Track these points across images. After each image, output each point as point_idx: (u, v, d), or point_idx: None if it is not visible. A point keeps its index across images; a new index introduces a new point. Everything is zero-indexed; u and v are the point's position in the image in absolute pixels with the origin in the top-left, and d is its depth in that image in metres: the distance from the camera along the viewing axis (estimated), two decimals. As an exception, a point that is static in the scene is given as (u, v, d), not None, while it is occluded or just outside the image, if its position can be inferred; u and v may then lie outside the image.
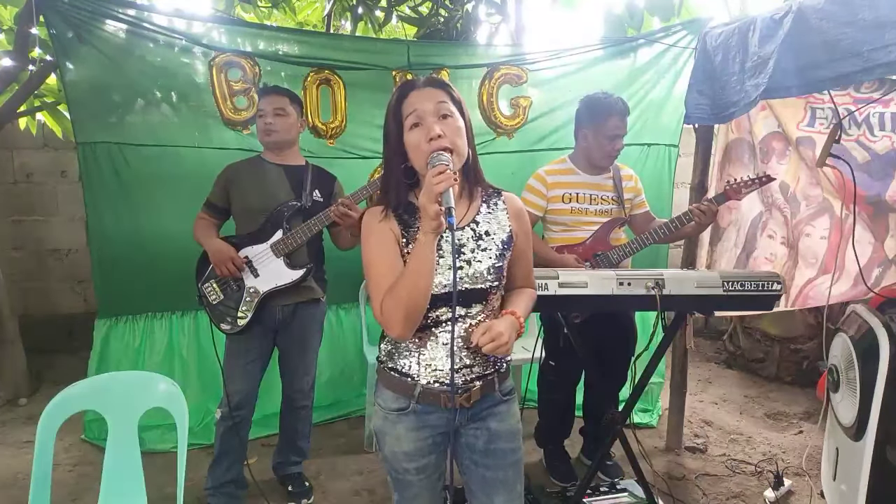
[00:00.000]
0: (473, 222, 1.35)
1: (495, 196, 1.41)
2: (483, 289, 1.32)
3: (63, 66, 2.55)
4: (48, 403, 1.65)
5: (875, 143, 2.65)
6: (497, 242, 1.35)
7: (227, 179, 2.30)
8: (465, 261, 1.31)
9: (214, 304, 2.26)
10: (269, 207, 2.25)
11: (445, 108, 1.26)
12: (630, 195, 2.52)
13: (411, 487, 1.40)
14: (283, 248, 2.23)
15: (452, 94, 1.30)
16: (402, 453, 1.36)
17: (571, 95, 3.02)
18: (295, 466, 2.52)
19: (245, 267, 2.23)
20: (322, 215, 2.22)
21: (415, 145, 1.25)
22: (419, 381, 1.32)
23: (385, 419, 1.37)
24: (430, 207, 1.13)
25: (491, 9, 3.83)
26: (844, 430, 2.12)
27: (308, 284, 2.31)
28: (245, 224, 2.28)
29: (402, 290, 1.20)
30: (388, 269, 1.26)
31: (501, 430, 1.40)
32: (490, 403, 1.39)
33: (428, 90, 1.28)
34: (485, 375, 1.36)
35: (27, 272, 4.34)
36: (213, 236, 2.28)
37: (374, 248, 1.30)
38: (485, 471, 1.40)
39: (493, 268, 1.33)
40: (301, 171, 2.34)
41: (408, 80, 1.33)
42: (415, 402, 1.33)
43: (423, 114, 1.25)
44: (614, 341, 2.50)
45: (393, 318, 1.22)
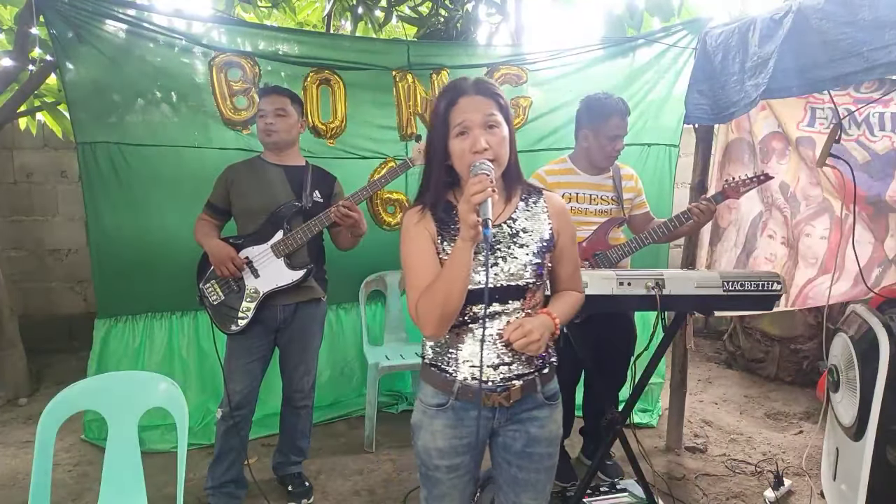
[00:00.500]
0: (510, 219, 1.35)
1: (535, 195, 1.41)
2: (520, 286, 1.32)
3: (63, 66, 2.55)
4: (48, 403, 1.65)
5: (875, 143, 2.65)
6: (535, 240, 1.35)
7: (227, 180, 2.30)
8: (500, 258, 1.31)
9: (215, 305, 2.26)
10: (269, 208, 2.25)
11: (493, 120, 1.27)
12: (630, 195, 2.52)
13: (440, 485, 1.40)
14: (283, 249, 2.23)
15: (500, 101, 1.31)
16: (435, 449, 1.36)
17: (571, 95, 3.02)
18: (295, 466, 2.52)
19: (245, 267, 2.23)
20: (322, 216, 2.23)
21: (459, 154, 1.28)
22: (457, 377, 1.34)
23: (423, 413, 1.39)
24: (469, 217, 1.15)
25: (491, 9, 3.83)
26: (844, 430, 2.12)
27: (309, 284, 2.32)
28: (246, 225, 2.28)
29: (438, 293, 1.22)
30: (425, 269, 1.28)
31: (541, 436, 1.39)
32: (531, 405, 1.38)
33: (478, 99, 1.28)
34: (525, 375, 1.35)
35: (27, 272, 4.34)
36: (214, 237, 2.28)
37: (411, 248, 1.32)
38: (517, 471, 1.41)
39: (531, 265, 1.32)
40: (301, 171, 2.34)
41: (457, 83, 1.32)
42: (453, 399, 1.34)
43: (470, 124, 1.26)
44: (614, 341, 2.50)
45: (427, 319, 1.25)
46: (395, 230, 3.22)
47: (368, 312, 3.27)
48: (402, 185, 3.15)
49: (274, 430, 2.91)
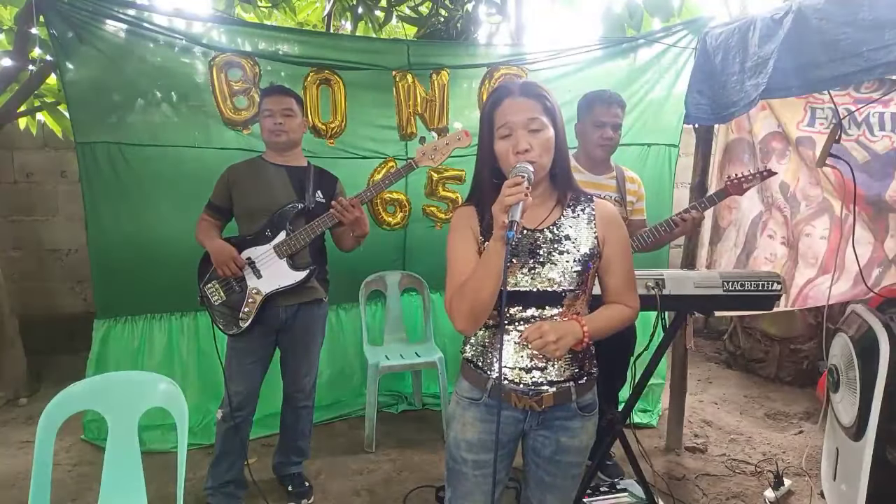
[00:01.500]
0: (554, 225, 1.35)
1: (585, 202, 1.40)
2: (557, 292, 1.31)
3: (63, 66, 2.55)
4: (48, 403, 1.65)
5: (875, 143, 2.66)
6: (579, 247, 1.33)
7: (228, 180, 2.29)
8: (538, 262, 1.31)
9: (216, 305, 2.25)
10: (271, 208, 2.24)
11: (537, 123, 1.28)
12: (631, 198, 2.51)
13: (465, 481, 1.40)
14: (286, 250, 2.22)
15: (546, 104, 1.30)
16: (464, 441, 1.38)
17: (571, 95, 3.01)
18: (295, 466, 2.52)
19: (247, 268, 2.23)
20: (326, 216, 2.22)
21: (503, 155, 1.30)
22: (491, 375, 1.35)
23: (458, 404, 1.41)
24: (500, 217, 1.16)
25: (491, 9, 3.83)
26: (844, 430, 2.12)
27: (311, 285, 2.31)
28: (247, 225, 2.28)
29: (469, 290, 1.24)
30: (463, 265, 1.30)
31: (571, 446, 1.39)
32: (564, 414, 1.37)
33: (522, 101, 1.29)
34: (559, 382, 1.34)
35: (27, 272, 4.34)
36: (215, 237, 2.27)
37: (454, 244, 1.35)
38: (544, 474, 1.42)
39: (571, 272, 1.31)
40: (303, 172, 2.34)
41: (504, 84, 1.33)
42: (486, 396, 1.36)
43: (514, 126, 1.27)
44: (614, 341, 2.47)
45: (458, 314, 1.27)
46: (396, 230, 3.22)
47: (368, 312, 3.26)
48: (402, 185, 3.15)
49: (274, 430, 2.91)
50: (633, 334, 2.59)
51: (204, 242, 2.26)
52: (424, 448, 2.90)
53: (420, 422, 3.19)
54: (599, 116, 2.35)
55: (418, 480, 2.62)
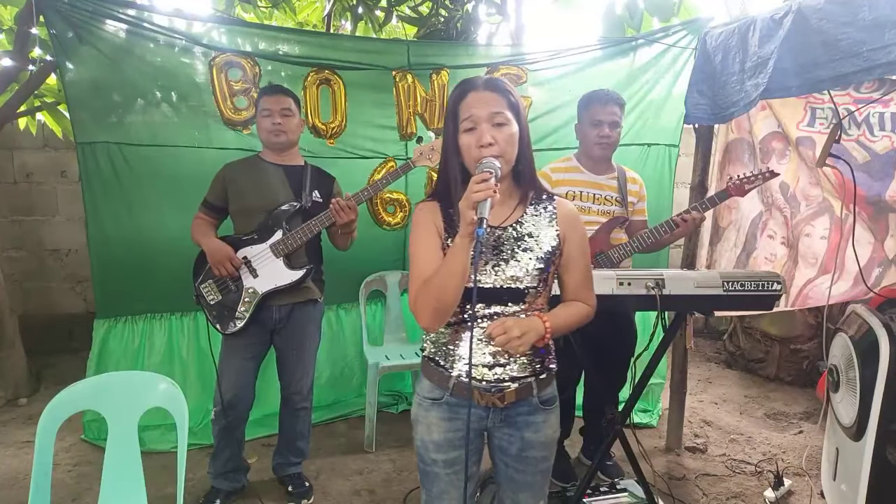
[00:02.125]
0: (517, 223, 1.36)
1: (547, 201, 1.41)
2: (520, 289, 1.32)
3: (63, 66, 2.55)
4: (48, 403, 1.65)
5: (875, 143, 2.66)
6: (541, 245, 1.35)
7: (225, 178, 2.29)
8: (503, 259, 1.32)
9: (212, 304, 2.25)
10: (268, 207, 2.24)
11: (501, 117, 1.28)
12: (632, 199, 2.51)
13: (438, 482, 1.40)
14: (282, 249, 2.22)
15: (510, 99, 1.31)
16: (432, 442, 1.38)
17: (571, 95, 3.02)
18: (294, 467, 2.52)
19: (243, 267, 2.22)
20: (323, 216, 2.22)
21: (466, 148, 1.29)
22: (452, 373, 1.35)
23: (420, 406, 1.40)
24: (467, 213, 1.16)
25: (491, 9, 3.83)
26: (844, 430, 2.12)
27: (306, 285, 2.31)
28: (243, 224, 2.28)
29: (434, 287, 1.23)
30: (427, 261, 1.29)
31: (536, 441, 1.40)
32: (526, 410, 1.38)
33: (486, 94, 1.29)
34: (521, 378, 1.35)
35: (27, 272, 4.34)
36: (211, 236, 2.27)
37: (418, 240, 1.34)
38: (514, 473, 1.43)
39: (533, 269, 1.32)
40: (300, 171, 2.34)
41: (469, 79, 1.33)
42: (448, 395, 1.36)
43: (478, 119, 1.27)
44: (614, 341, 2.50)
45: (423, 311, 1.27)
46: (396, 230, 3.22)
47: (368, 312, 3.27)
48: (402, 185, 3.15)
49: (274, 430, 2.90)
50: (633, 334, 2.59)
51: (200, 241, 2.26)
52: (424, 448, 2.89)
53: (420, 422, 3.19)
54: (596, 115, 2.35)
55: (418, 480, 2.61)
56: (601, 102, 2.35)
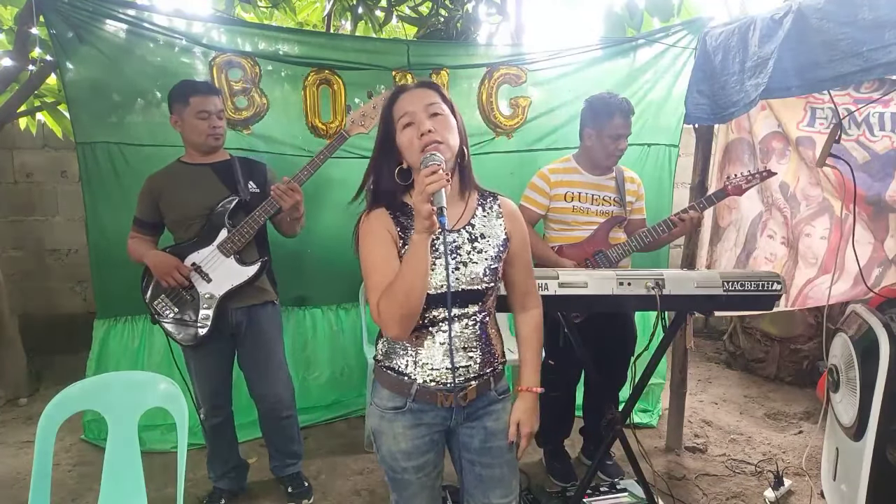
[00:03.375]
0: (469, 224, 1.36)
1: (490, 199, 1.42)
2: (479, 290, 1.34)
3: (63, 66, 2.55)
4: (48, 403, 1.65)
5: (875, 143, 2.66)
6: (493, 244, 1.37)
7: (152, 192, 2.20)
8: (461, 262, 1.32)
9: (170, 319, 2.18)
10: (206, 209, 2.17)
11: (436, 108, 1.29)
12: (631, 198, 2.51)
13: (409, 486, 1.40)
14: (231, 247, 2.16)
15: (443, 93, 1.33)
16: (400, 452, 1.37)
17: (571, 95, 3.02)
18: (292, 467, 2.49)
19: (194, 273, 2.15)
20: (266, 205, 2.16)
21: (407, 144, 1.28)
22: (416, 379, 1.34)
23: (381, 418, 1.38)
24: (423, 207, 1.14)
25: (491, 9, 3.83)
26: (844, 430, 2.12)
27: (261, 286, 2.26)
28: (184, 231, 2.19)
29: (398, 291, 1.21)
30: (385, 269, 1.26)
31: (497, 429, 1.42)
32: (485, 402, 1.41)
33: (418, 91, 1.32)
34: (481, 375, 1.38)
35: (27, 272, 4.34)
36: (152, 249, 2.20)
37: (371, 248, 1.30)
38: (481, 469, 1.42)
39: (489, 269, 1.35)
40: (229, 165, 2.26)
41: (399, 85, 1.36)
42: (411, 401, 1.35)
43: (413, 113, 1.28)
44: (614, 341, 2.50)
45: (390, 319, 1.23)
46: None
47: (368, 312, 3.26)
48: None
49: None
50: (633, 334, 2.59)
51: (143, 256, 2.17)
52: (424, 448, 2.89)
53: (420, 422, 3.19)
54: (618, 129, 2.35)
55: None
56: (623, 115, 2.34)
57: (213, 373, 2.27)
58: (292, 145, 2.92)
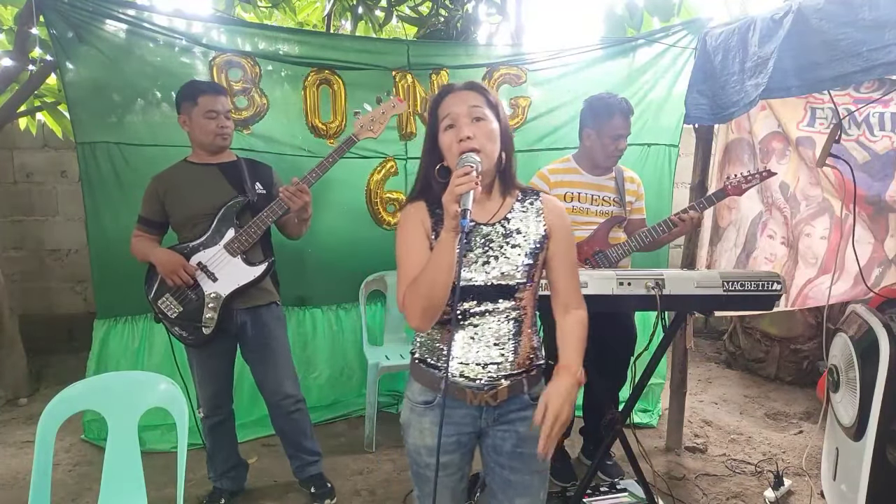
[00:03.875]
0: (504, 219, 1.36)
1: (532, 196, 1.41)
2: (511, 285, 1.32)
3: (63, 66, 2.55)
4: (48, 403, 1.65)
5: (875, 143, 2.66)
6: (529, 241, 1.35)
7: (158, 191, 2.20)
8: (492, 256, 1.32)
9: (174, 318, 2.18)
10: (213, 209, 2.17)
11: (479, 112, 1.29)
12: (630, 198, 2.51)
13: (430, 483, 1.39)
14: (238, 247, 2.16)
15: (489, 97, 1.33)
16: (424, 447, 1.37)
17: (571, 95, 3.02)
18: (313, 466, 2.46)
19: (200, 273, 2.15)
20: (273, 206, 2.16)
21: (447, 146, 1.30)
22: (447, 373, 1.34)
23: (412, 411, 1.40)
24: (451, 207, 1.16)
25: (491, 9, 3.83)
26: (844, 430, 2.12)
27: (265, 287, 2.26)
28: (189, 231, 2.19)
29: (422, 284, 1.23)
30: (415, 261, 1.29)
31: (530, 435, 1.38)
32: (519, 406, 1.38)
33: (464, 93, 1.32)
34: (512, 375, 1.35)
35: (27, 272, 4.34)
36: (157, 248, 2.20)
37: (405, 240, 1.34)
38: (510, 474, 1.40)
39: (523, 265, 1.33)
40: (236, 166, 2.27)
41: (448, 84, 1.37)
42: (440, 396, 1.34)
43: (456, 116, 1.29)
44: (614, 341, 2.50)
45: (412, 310, 1.26)
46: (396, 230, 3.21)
47: (368, 312, 3.26)
48: (401, 184, 3.15)
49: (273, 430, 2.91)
50: (633, 334, 2.59)
51: (148, 255, 2.17)
52: (424, 448, 2.89)
53: (420, 422, 3.18)
54: (618, 129, 2.35)
55: (418, 480, 2.61)
56: (623, 115, 2.35)
57: (216, 373, 2.27)
58: (292, 145, 2.92)
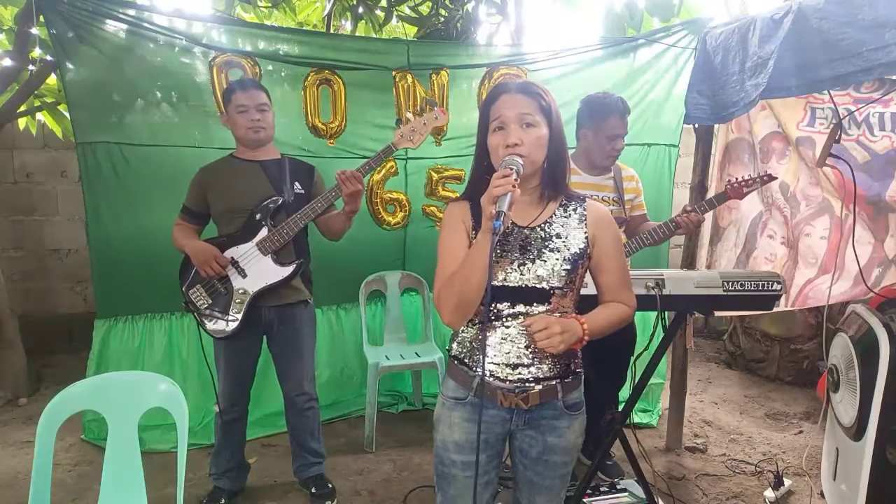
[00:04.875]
0: (546, 223, 1.36)
1: (576, 202, 1.41)
2: (545, 289, 1.31)
3: (63, 66, 2.55)
4: (48, 403, 1.65)
5: (875, 143, 2.66)
6: (569, 246, 1.34)
7: (202, 182, 2.24)
8: (528, 259, 1.32)
9: (203, 309, 2.21)
10: (250, 205, 2.19)
11: (529, 118, 1.29)
12: (630, 196, 2.51)
13: (455, 484, 1.40)
14: (270, 246, 2.18)
15: (542, 102, 1.31)
16: (452, 442, 1.38)
17: (571, 95, 3.01)
18: (315, 467, 2.46)
19: (231, 267, 2.18)
20: (307, 208, 2.17)
21: (494, 148, 1.31)
22: (477, 372, 1.34)
23: (443, 405, 1.41)
24: (488, 208, 1.17)
25: (491, 9, 3.83)
26: (844, 430, 2.12)
27: (295, 286, 2.27)
28: (227, 225, 2.22)
29: (456, 282, 1.25)
30: (453, 258, 1.31)
31: (558, 446, 1.39)
32: (550, 413, 1.37)
33: (517, 97, 1.31)
34: (545, 380, 1.34)
35: (27, 272, 4.34)
36: (194, 238, 2.23)
37: (444, 236, 1.36)
38: (532, 475, 1.43)
39: (561, 270, 1.32)
40: (279, 164, 2.29)
41: (502, 82, 1.37)
42: (472, 395, 1.36)
43: (507, 120, 1.29)
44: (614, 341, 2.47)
45: (445, 307, 1.28)
46: (396, 230, 3.22)
47: (368, 312, 3.26)
48: (401, 184, 3.15)
49: (274, 430, 2.91)
50: (633, 334, 2.59)
51: (184, 245, 2.20)
52: (424, 448, 2.89)
53: (420, 422, 3.19)
54: (615, 129, 2.34)
55: (418, 480, 2.62)
56: (620, 115, 2.34)
57: (238, 369, 2.29)
58: (292, 145, 2.92)
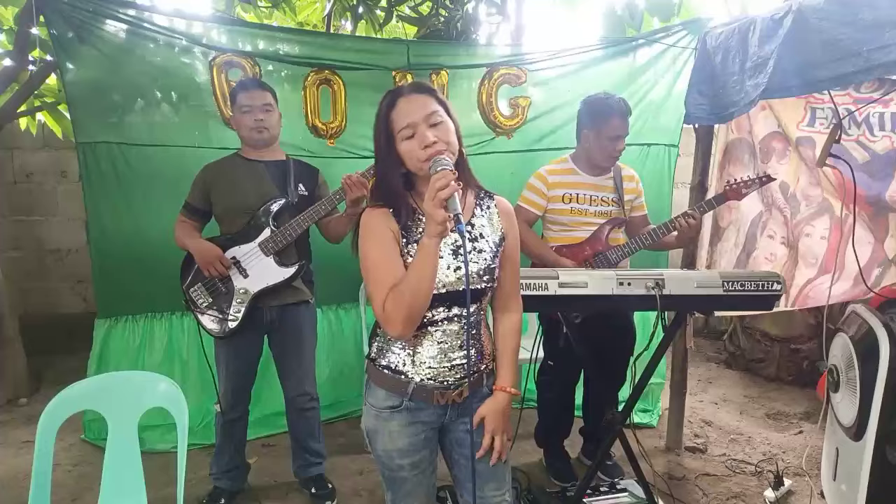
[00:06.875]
0: (470, 224, 1.38)
1: (487, 198, 1.44)
2: (479, 289, 1.36)
3: (63, 66, 2.55)
4: (48, 403, 1.65)
5: (875, 143, 2.66)
6: (490, 244, 1.38)
7: (206, 180, 2.24)
8: (462, 262, 1.31)
9: (203, 308, 2.22)
10: (254, 206, 2.20)
11: (435, 117, 1.28)
12: (630, 196, 2.52)
13: (405, 484, 1.41)
14: (272, 246, 2.18)
15: (438, 97, 1.32)
16: (396, 451, 1.38)
17: (571, 95, 3.02)
18: (315, 467, 2.47)
19: (233, 267, 2.18)
20: (311, 210, 2.18)
21: (409, 154, 1.28)
22: (413, 378, 1.35)
23: (377, 417, 1.41)
24: (437, 213, 1.15)
25: (491, 9, 3.83)
26: (844, 430, 2.12)
27: (297, 286, 2.28)
28: (229, 224, 2.23)
29: (406, 292, 1.22)
30: (391, 267, 1.27)
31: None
32: (478, 399, 1.43)
33: (415, 97, 1.30)
34: (474, 373, 1.40)
35: (27, 272, 4.34)
36: (197, 237, 2.24)
37: (375, 247, 1.30)
38: (476, 463, 1.42)
39: (489, 269, 1.36)
40: (283, 165, 2.29)
41: (393, 89, 1.35)
42: (407, 400, 1.36)
43: (415, 124, 1.27)
44: (614, 341, 2.50)
45: (395, 318, 1.25)
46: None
47: (368, 312, 3.26)
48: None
49: (274, 430, 2.91)
50: (632, 334, 2.59)
51: (187, 243, 2.21)
52: (424, 448, 2.89)
53: (420, 422, 3.19)
54: (616, 130, 2.35)
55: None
56: (621, 116, 2.34)
57: (239, 369, 2.29)
58: (292, 145, 2.91)
